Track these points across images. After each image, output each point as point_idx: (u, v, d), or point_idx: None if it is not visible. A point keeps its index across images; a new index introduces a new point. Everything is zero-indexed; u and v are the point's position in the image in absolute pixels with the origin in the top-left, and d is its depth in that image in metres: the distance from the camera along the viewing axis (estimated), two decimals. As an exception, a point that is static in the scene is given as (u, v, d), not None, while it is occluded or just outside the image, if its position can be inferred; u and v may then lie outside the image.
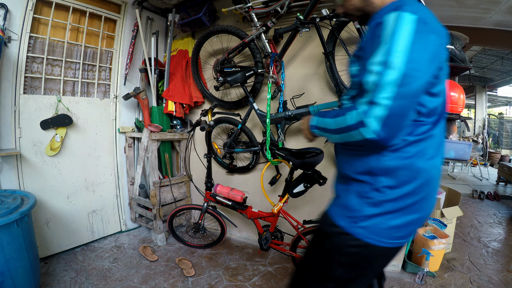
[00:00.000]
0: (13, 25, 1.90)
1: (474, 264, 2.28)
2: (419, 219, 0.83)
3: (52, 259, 2.15)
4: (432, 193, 0.85)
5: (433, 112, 0.85)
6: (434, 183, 0.85)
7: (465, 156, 1.84)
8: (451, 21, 2.86)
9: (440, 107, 0.89)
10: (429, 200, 0.84)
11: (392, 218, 0.80)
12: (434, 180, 0.84)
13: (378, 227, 0.80)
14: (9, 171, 1.95)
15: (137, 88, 2.56)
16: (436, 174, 0.85)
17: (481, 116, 7.98)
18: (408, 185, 0.79)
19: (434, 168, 0.84)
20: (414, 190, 0.80)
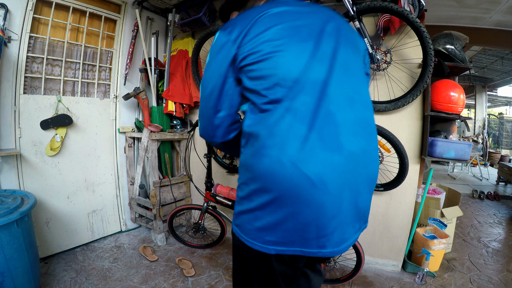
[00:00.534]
0: (13, 25, 1.90)
1: (474, 264, 2.28)
2: (288, 222, 0.68)
3: (52, 259, 2.15)
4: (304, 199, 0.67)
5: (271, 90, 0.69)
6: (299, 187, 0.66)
7: (465, 156, 1.84)
8: (451, 21, 2.86)
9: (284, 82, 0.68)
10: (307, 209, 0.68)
11: (254, 218, 0.71)
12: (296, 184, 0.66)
13: (245, 226, 0.74)
14: (9, 171, 1.95)
15: (137, 88, 2.56)
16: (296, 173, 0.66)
17: (481, 116, 7.98)
18: (253, 183, 0.71)
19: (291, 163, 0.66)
20: (262, 188, 0.69)
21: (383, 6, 1.63)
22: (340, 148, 0.68)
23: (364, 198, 0.76)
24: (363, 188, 0.74)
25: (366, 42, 1.67)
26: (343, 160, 0.68)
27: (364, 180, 0.74)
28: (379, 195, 2.09)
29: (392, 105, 1.90)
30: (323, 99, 0.68)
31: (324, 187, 0.66)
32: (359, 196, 0.74)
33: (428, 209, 2.36)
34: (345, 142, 0.69)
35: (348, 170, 0.69)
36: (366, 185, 0.75)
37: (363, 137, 0.73)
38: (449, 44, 1.94)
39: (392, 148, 1.81)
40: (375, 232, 2.15)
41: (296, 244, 0.70)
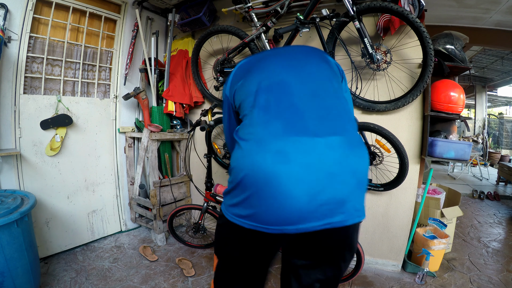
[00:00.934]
0: (13, 25, 1.90)
1: (474, 264, 2.28)
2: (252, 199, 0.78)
3: (52, 259, 2.15)
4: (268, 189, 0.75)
5: (243, 108, 0.92)
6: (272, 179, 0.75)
7: (465, 156, 1.84)
8: (451, 21, 2.86)
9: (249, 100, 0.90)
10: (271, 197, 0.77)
11: (230, 198, 0.86)
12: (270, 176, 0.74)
13: (226, 203, 0.89)
14: (9, 171, 1.95)
15: (137, 88, 2.56)
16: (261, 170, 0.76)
17: (481, 116, 7.98)
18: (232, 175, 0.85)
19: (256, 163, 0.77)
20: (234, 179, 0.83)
21: (383, 6, 1.63)
22: (305, 131, 0.78)
23: (336, 181, 0.77)
24: (333, 169, 0.77)
25: (366, 42, 1.67)
26: (308, 141, 0.77)
27: (334, 163, 0.77)
28: (379, 195, 2.09)
29: (392, 105, 1.90)
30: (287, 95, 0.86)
31: (287, 171, 0.74)
32: (328, 178, 0.76)
33: (428, 209, 2.36)
34: (310, 125, 0.79)
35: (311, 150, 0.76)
36: (338, 168, 0.77)
37: (328, 120, 0.83)
38: (449, 44, 1.94)
39: (392, 148, 1.81)
40: (375, 232, 2.15)
41: (259, 220, 0.78)
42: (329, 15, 1.67)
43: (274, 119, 0.81)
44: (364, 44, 1.68)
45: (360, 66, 1.95)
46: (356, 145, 0.84)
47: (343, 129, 0.83)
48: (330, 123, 0.82)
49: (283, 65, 0.93)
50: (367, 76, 2.02)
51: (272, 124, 0.81)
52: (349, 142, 0.82)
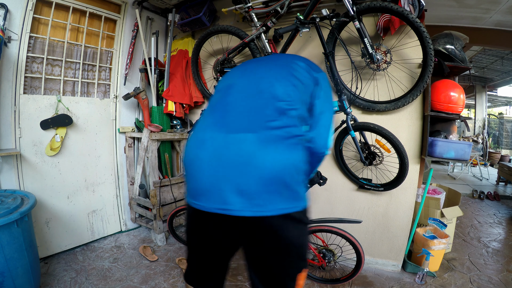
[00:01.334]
0: (13, 25, 1.90)
1: (474, 264, 2.28)
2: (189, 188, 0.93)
3: (52, 259, 2.15)
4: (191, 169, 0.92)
5: None
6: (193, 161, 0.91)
7: (465, 156, 1.84)
8: (451, 21, 2.85)
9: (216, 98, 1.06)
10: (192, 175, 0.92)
11: None
12: (193, 158, 0.92)
13: None
14: (9, 171, 1.95)
15: (137, 88, 2.56)
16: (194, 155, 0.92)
17: (481, 116, 7.98)
18: None
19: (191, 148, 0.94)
20: None
21: (383, 6, 1.63)
22: (224, 126, 0.92)
23: (237, 173, 0.84)
24: (236, 162, 0.85)
25: (366, 42, 1.67)
26: (223, 135, 0.90)
27: (238, 156, 0.85)
28: (379, 195, 2.09)
29: (392, 105, 1.90)
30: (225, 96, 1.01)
31: (202, 156, 0.89)
32: (230, 169, 0.85)
33: (428, 209, 2.36)
34: (230, 122, 0.92)
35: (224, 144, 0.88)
36: (240, 160, 0.85)
37: (247, 118, 0.91)
38: (449, 44, 1.94)
39: (392, 148, 1.81)
40: (375, 232, 2.15)
41: (189, 194, 0.93)
42: (329, 15, 1.67)
43: (209, 115, 0.99)
44: (364, 44, 1.68)
45: (360, 66, 1.95)
46: (272, 143, 0.87)
47: (259, 128, 0.88)
48: (248, 122, 0.90)
49: (243, 70, 1.08)
50: (367, 76, 2.03)
51: (206, 119, 0.99)
52: (263, 139, 0.86)
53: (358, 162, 2.08)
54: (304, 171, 0.91)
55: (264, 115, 0.91)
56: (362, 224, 1.84)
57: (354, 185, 2.16)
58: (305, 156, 0.92)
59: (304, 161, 0.91)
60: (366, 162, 1.90)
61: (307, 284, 1.98)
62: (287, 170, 0.85)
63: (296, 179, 0.87)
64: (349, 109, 1.76)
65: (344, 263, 2.18)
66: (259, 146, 0.86)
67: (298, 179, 0.88)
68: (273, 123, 0.89)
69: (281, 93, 0.95)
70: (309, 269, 2.06)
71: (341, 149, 2.07)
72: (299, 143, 0.91)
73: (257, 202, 0.84)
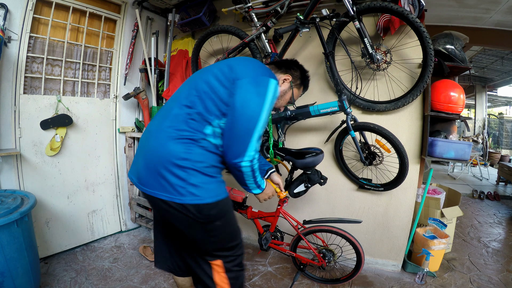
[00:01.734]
0: (13, 25, 1.90)
1: (474, 264, 2.28)
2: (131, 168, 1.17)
3: (52, 259, 2.15)
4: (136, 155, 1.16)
5: None
6: (139, 148, 1.14)
7: (465, 156, 1.84)
8: (451, 21, 2.85)
9: None
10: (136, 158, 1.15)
11: None
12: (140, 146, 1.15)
13: None
14: (9, 171, 1.95)
15: (137, 88, 2.56)
16: (141, 143, 1.14)
17: (481, 116, 7.98)
18: None
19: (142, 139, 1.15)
20: None
21: (383, 6, 1.63)
22: (153, 123, 1.14)
23: (149, 163, 1.05)
24: (145, 150, 1.09)
25: (366, 42, 1.67)
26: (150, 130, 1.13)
27: (151, 149, 1.06)
28: (379, 195, 2.09)
29: (392, 105, 1.90)
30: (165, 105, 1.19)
31: (141, 139, 1.16)
32: (146, 160, 1.07)
33: (428, 209, 2.36)
34: (156, 119, 1.14)
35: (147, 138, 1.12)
36: (147, 149, 1.08)
37: (165, 118, 1.09)
38: (449, 44, 1.94)
39: (392, 148, 1.81)
40: (375, 232, 2.15)
41: None
42: (329, 15, 1.67)
43: (156, 115, 1.19)
44: (364, 44, 1.68)
45: (360, 66, 1.95)
46: (163, 138, 1.04)
47: (167, 126, 1.06)
48: (164, 120, 1.08)
49: (192, 76, 1.21)
50: (367, 76, 2.02)
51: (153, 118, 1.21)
52: (165, 135, 1.04)
53: (358, 162, 2.08)
54: (186, 168, 1.00)
55: (167, 116, 1.09)
56: (362, 224, 1.84)
57: (354, 185, 2.16)
58: (191, 154, 1.01)
59: (185, 158, 1.00)
60: (366, 162, 1.90)
61: (307, 284, 1.98)
62: (161, 161, 1.01)
63: (173, 172, 1.00)
64: (349, 109, 1.76)
65: (344, 263, 2.18)
66: (158, 138, 1.05)
67: (176, 172, 1.00)
68: (169, 123, 1.06)
69: (184, 98, 1.08)
70: (309, 269, 2.06)
71: (341, 149, 2.07)
72: (193, 143, 1.02)
73: (143, 181, 1.07)
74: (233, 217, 1.19)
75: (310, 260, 1.92)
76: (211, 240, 1.11)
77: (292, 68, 1.35)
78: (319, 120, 2.19)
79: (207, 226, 1.07)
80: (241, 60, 1.14)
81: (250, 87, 1.03)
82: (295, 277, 1.93)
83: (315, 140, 2.23)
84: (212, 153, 1.06)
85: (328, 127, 2.15)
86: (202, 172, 1.02)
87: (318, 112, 1.85)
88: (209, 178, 1.05)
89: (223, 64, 1.12)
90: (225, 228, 1.13)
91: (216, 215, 1.07)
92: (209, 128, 1.04)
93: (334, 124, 2.06)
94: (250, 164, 1.08)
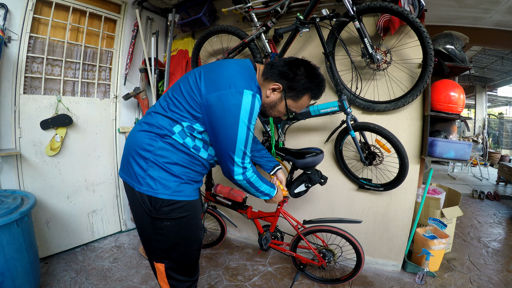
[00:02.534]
0: (13, 25, 1.90)
1: (474, 264, 2.28)
2: None
3: (52, 259, 2.15)
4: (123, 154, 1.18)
5: None
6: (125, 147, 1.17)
7: (465, 156, 1.84)
8: (451, 21, 2.85)
9: None
10: None
11: None
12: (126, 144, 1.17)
13: None
14: (9, 171, 1.95)
15: (137, 88, 2.56)
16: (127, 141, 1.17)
17: (481, 116, 7.97)
18: None
19: None
20: None
21: (383, 6, 1.63)
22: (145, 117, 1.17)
23: (124, 151, 1.16)
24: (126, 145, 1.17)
25: (366, 42, 1.67)
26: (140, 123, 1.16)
27: (127, 139, 1.16)
28: (379, 195, 2.09)
29: (392, 105, 1.90)
30: None
31: None
32: (124, 149, 1.17)
33: (428, 209, 2.36)
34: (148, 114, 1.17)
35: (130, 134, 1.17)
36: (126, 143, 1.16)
37: (153, 114, 1.12)
38: (449, 44, 1.94)
39: (392, 148, 1.81)
40: (375, 232, 2.15)
41: None
42: (329, 15, 1.67)
43: None
44: (364, 44, 1.68)
45: (360, 66, 1.95)
46: (138, 128, 1.12)
47: (142, 121, 1.14)
48: (152, 117, 1.11)
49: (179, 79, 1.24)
50: (367, 76, 2.03)
51: None
52: (138, 127, 1.13)
53: (358, 162, 2.08)
54: (147, 159, 1.05)
55: (147, 113, 1.18)
56: (362, 224, 1.84)
57: (354, 185, 2.16)
58: (154, 147, 1.05)
59: (148, 150, 1.05)
60: (366, 162, 1.90)
61: (307, 284, 1.98)
62: (129, 150, 1.10)
63: (137, 161, 1.06)
64: (349, 109, 1.76)
65: (344, 263, 2.18)
66: (135, 132, 1.12)
67: (138, 161, 1.06)
68: (144, 119, 1.15)
69: (162, 99, 1.15)
70: (309, 269, 2.06)
71: (341, 149, 2.07)
72: (158, 137, 1.06)
73: (121, 167, 1.17)
74: (190, 226, 1.13)
75: (310, 260, 1.92)
76: (157, 237, 1.10)
77: (288, 74, 1.07)
78: (319, 120, 2.19)
79: (155, 222, 1.07)
80: (214, 68, 1.06)
81: (219, 104, 0.97)
82: (295, 277, 1.93)
83: (315, 140, 2.23)
84: (180, 151, 1.06)
85: (328, 127, 2.15)
86: (162, 167, 1.04)
87: (318, 112, 1.85)
88: (170, 176, 1.05)
89: (197, 72, 1.09)
90: (176, 232, 1.09)
91: (168, 213, 1.05)
92: (178, 127, 1.05)
93: (334, 124, 2.06)
94: (242, 178, 1.08)
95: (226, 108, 0.97)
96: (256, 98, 0.99)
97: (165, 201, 1.04)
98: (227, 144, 1.01)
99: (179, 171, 1.07)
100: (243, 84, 0.99)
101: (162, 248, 1.11)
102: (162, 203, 1.04)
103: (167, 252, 1.12)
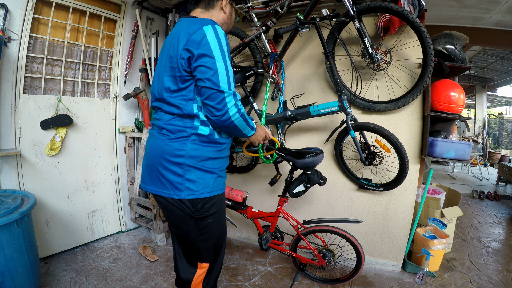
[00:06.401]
0: (13, 25, 1.90)
1: (474, 264, 2.28)
2: None
3: (52, 259, 2.15)
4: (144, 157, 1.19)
5: None
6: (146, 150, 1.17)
7: (465, 156, 1.84)
8: (451, 21, 2.85)
9: None
10: None
11: None
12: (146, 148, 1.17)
13: None
14: (9, 171, 1.95)
15: (137, 88, 2.56)
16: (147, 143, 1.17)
17: (481, 116, 7.97)
18: None
19: None
20: None
21: (383, 6, 1.63)
22: None
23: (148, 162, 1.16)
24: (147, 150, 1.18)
25: (366, 42, 1.67)
26: None
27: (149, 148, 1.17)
28: (379, 195, 2.09)
29: (392, 105, 1.90)
30: None
31: None
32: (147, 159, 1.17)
33: (428, 209, 2.36)
34: None
35: None
36: None
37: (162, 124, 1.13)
38: (449, 44, 1.94)
39: (392, 148, 1.81)
40: (375, 232, 2.15)
41: None
42: (329, 15, 1.67)
43: None
44: (364, 44, 1.68)
45: (360, 66, 1.95)
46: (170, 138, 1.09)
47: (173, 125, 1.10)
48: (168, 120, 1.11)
49: None
50: (367, 76, 2.02)
51: None
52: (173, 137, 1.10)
53: (358, 162, 2.08)
54: (179, 163, 1.05)
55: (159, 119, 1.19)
56: (362, 224, 1.84)
57: (354, 185, 2.16)
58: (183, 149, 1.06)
59: (178, 155, 1.05)
60: (366, 162, 1.90)
61: (307, 284, 1.98)
62: (159, 159, 1.08)
63: (170, 169, 1.05)
64: (349, 109, 1.76)
65: (344, 263, 2.18)
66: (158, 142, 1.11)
67: (173, 169, 1.05)
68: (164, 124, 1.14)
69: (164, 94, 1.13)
70: (309, 269, 2.06)
71: (341, 149, 2.07)
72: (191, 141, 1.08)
73: (143, 181, 1.17)
74: (223, 219, 1.24)
75: (310, 260, 1.92)
76: (201, 238, 1.14)
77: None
78: (319, 120, 2.19)
79: (199, 223, 1.11)
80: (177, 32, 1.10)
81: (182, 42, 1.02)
82: (295, 277, 1.93)
83: (315, 140, 2.23)
84: (207, 144, 1.10)
85: (328, 127, 2.15)
86: (198, 168, 1.06)
87: (318, 112, 1.85)
88: (207, 174, 1.09)
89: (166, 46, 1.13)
90: (216, 227, 1.17)
91: (209, 209, 1.11)
92: (194, 106, 1.07)
93: (334, 124, 2.06)
94: (236, 110, 1.03)
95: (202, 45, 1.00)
96: (214, 27, 1.03)
97: (204, 199, 1.08)
98: (213, 80, 1.00)
99: (213, 165, 1.11)
100: (199, 23, 1.04)
101: (207, 247, 1.17)
102: (203, 202, 1.08)
103: (211, 251, 1.18)
